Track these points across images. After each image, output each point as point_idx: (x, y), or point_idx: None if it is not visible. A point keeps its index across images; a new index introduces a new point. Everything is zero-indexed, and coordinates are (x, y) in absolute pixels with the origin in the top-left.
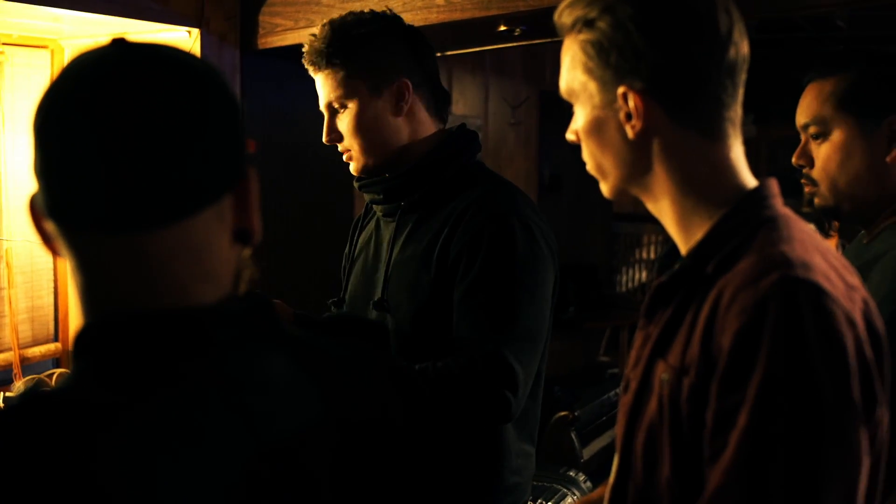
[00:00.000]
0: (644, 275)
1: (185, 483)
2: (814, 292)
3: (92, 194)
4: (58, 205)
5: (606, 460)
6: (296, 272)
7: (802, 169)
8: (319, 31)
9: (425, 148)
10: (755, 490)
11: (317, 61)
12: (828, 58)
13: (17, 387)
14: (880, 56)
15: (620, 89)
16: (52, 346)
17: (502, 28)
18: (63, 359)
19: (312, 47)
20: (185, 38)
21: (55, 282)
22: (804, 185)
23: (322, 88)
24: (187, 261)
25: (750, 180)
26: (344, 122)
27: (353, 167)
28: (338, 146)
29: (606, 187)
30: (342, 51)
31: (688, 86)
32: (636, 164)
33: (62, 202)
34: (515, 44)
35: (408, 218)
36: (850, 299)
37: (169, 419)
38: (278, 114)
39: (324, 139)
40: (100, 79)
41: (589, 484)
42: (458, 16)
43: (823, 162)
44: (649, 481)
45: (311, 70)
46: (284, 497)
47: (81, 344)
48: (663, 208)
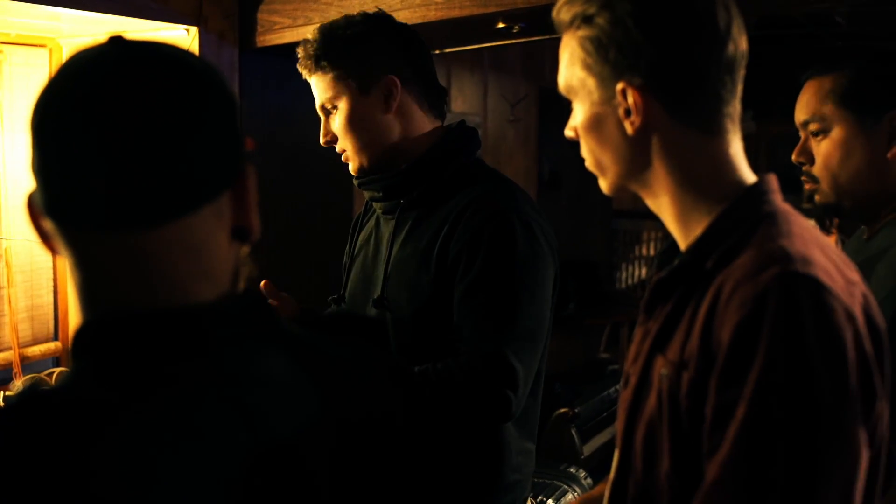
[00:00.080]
0: (644, 271)
1: (183, 481)
2: (813, 287)
3: (90, 192)
4: (56, 203)
5: (607, 457)
6: (295, 270)
7: (803, 166)
8: (310, 36)
9: (425, 145)
10: (753, 483)
11: (307, 65)
12: (827, 54)
13: (17, 386)
14: (880, 53)
15: (619, 85)
16: (51, 345)
17: (501, 25)
18: (63, 358)
19: (303, 52)
20: (184, 36)
21: (55, 281)
22: (805, 182)
23: (315, 91)
24: (186, 259)
25: (749, 176)
26: (336, 122)
27: (350, 167)
28: (335, 147)
29: (606, 184)
30: (329, 53)
31: (687, 82)
32: (635, 161)
33: (60, 200)
34: (514, 41)
35: (407, 215)
36: (849, 294)
37: (168, 417)
38: (277, 112)
39: (321, 141)
40: (97, 77)
41: (589, 480)
42: (456, 13)
43: (824, 159)
44: (649, 476)
45: (304, 74)
46: (283, 495)
47: (80, 342)
48: (663, 204)
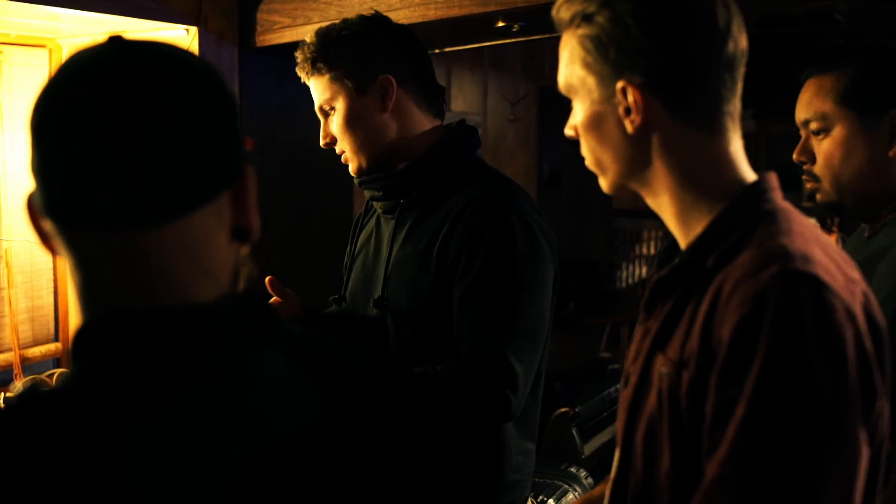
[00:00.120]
0: (644, 270)
1: (183, 481)
2: (814, 285)
3: (89, 193)
4: (55, 204)
5: (608, 456)
6: (294, 270)
7: (804, 165)
8: (308, 39)
9: (424, 144)
10: (752, 481)
11: (305, 67)
12: (827, 53)
13: (17, 387)
14: (881, 51)
15: (619, 84)
16: (52, 346)
17: (500, 24)
18: (63, 359)
19: (301, 55)
20: (184, 36)
21: (55, 282)
22: (806, 181)
23: (314, 93)
24: (185, 259)
25: (749, 174)
26: (334, 123)
27: (350, 168)
28: (335, 149)
29: (606, 182)
30: (326, 54)
31: (687, 80)
32: (635, 159)
33: (59, 201)
34: (514, 40)
35: (407, 215)
36: (849, 292)
37: (167, 417)
38: (277, 111)
39: (320, 143)
40: (96, 77)
41: (590, 480)
42: (455, 12)
43: (825, 158)
44: (649, 475)
45: (303, 77)
46: (283, 495)
47: (80, 343)
48: (663, 203)
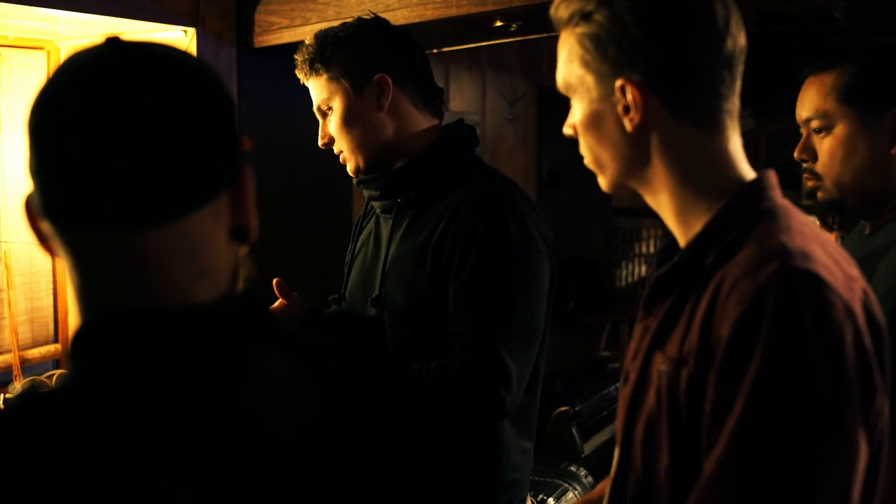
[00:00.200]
0: (643, 269)
1: (183, 481)
2: (813, 282)
3: (87, 194)
4: (53, 205)
5: (608, 455)
6: (294, 270)
7: (805, 163)
8: (307, 41)
9: (422, 143)
10: (750, 478)
11: (303, 69)
12: (825, 50)
13: (17, 388)
14: (881, 48)
15: (618, 82)
16: (51, 348)
17: (499, 23)
18: (63, 360)
19: (300, 57)
20: (182, 37)
21: (54, 283)
22: (807, 179)
23: (312, 94)
24: (184, 259)
25: (748, 172)
26: (331, 123)
27: (348, 168)
28: (333, 149)
29: (605, 181)
30: (322, 55)
31: (686, 78)
32: (634, 158)
33: (57, 202)
34: (512, 39)
35: (405, 214)
36: (849, 290)
37: (167, 417)
38: (275, 112)
39: (319, 143)
40: (94, 78)
41: (590, 479)
42: (454, 12)
43: (827, 156)
44: (649, 473)
45: (302, 78)
46: (283, 495)
47: (79, 343)
48: (662, 201)
